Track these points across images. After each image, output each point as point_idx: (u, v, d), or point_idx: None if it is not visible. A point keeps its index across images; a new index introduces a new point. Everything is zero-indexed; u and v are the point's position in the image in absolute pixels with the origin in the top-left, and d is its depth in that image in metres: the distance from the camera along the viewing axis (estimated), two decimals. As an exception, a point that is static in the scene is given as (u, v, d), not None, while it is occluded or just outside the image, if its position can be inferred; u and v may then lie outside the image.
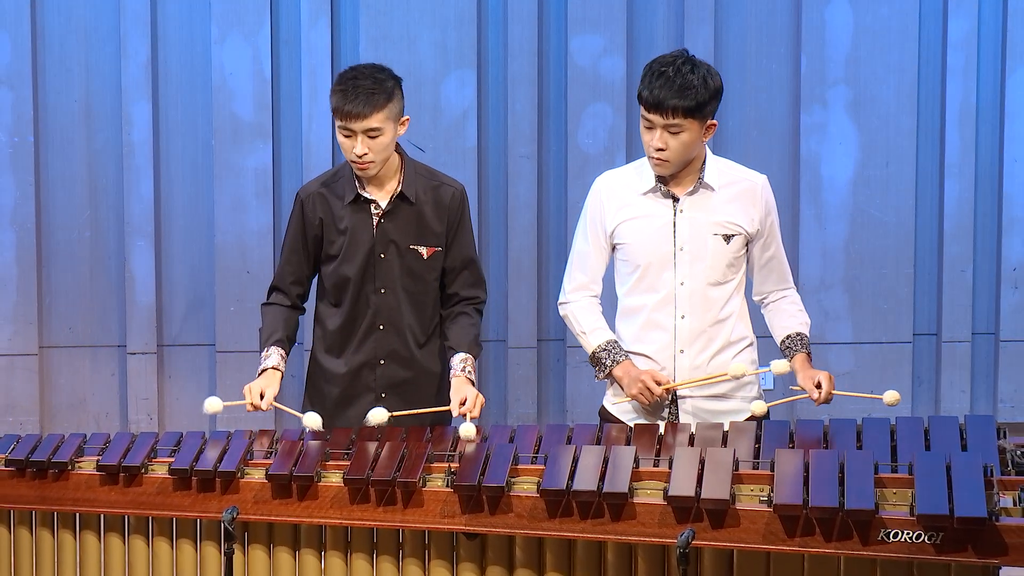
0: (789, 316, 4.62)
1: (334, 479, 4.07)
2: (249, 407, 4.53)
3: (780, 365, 4.49)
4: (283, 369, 4.64)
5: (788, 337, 4.58)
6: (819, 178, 7.35)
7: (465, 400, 4.48)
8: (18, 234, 7.26)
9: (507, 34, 7.25)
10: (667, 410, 4.54)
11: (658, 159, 4.41)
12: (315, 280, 4.85)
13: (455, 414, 4.49)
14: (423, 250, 4.69)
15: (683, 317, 4.51)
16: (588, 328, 4.60)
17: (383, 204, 4.65)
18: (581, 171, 7.22)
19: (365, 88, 4.50)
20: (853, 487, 3.62)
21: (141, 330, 7.32)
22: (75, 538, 4.33)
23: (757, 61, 7.33)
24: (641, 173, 4.54)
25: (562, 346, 7.34)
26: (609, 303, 4.65)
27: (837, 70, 7.30)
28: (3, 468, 4.37)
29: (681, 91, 4.31)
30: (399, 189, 4.65)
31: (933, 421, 4.00)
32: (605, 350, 4.55)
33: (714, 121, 4.41)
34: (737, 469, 3.82)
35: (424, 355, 4.76)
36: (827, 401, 4.43)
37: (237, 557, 4.13)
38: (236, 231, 7.28)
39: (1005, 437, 3.93)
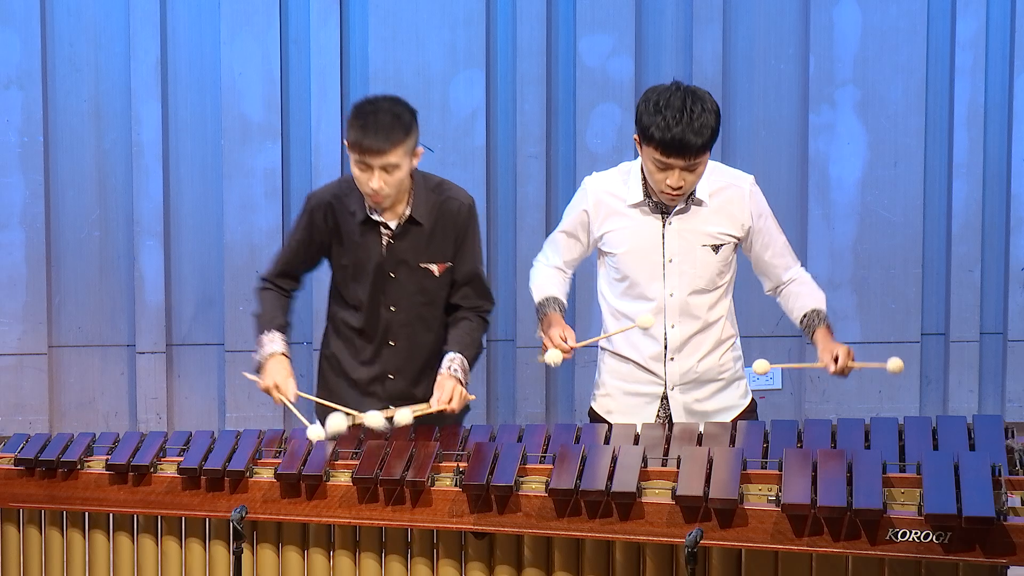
0: (803, 296, 4.59)
1: (343, 479, 4.07)
2: (278, 400, 4.52)
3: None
4: (289, 355, 4.62)
5: (805, 316, 4.55)
6: (827, 178, 7.35)
7: (441, 396, 4.44)
8: (27, 234, 7.27)
9: (516, 34, 7.26)
10: (658, 408, 4.54)
11: (675, 195, 4.39)
12: (314, 277, 4.81)
13: (434, 409, 4.44)
14: (434, 267, 4.63)
15: (673, 326, 4.52)
16: (535, 286, 4.66)
17: (392, 226, 4.60)
18: (590, 171, 7.09)
19: (385, 123, 4.42)
20: (861, 487, 3.63)
21: (150, 329, 7.33)
22: (84, 537, 4.34)
23: (765, 61, 7.33)
24: (628, 183, 4.52)
25: (570, 346, 7.34)
26: (591, 294, 4.67)
27: (845, 70, 7.30)
28: (12, 467, 4.38)
29: (700, 131, 4.27)
30: (408, 213, 4.59)
31: (941, 421, 4.01)
32: (541, 305, 4.60)
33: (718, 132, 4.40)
34: (745, 469, 3.82)
35: (434, 372, 4.68)
36: (843, 373, 4.39)
37: (246, 556, 4.14)
38: (245, 231, 7.29)
39: (1013, 437, 3.93)
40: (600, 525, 3.82)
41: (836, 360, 4.37)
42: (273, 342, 4.62)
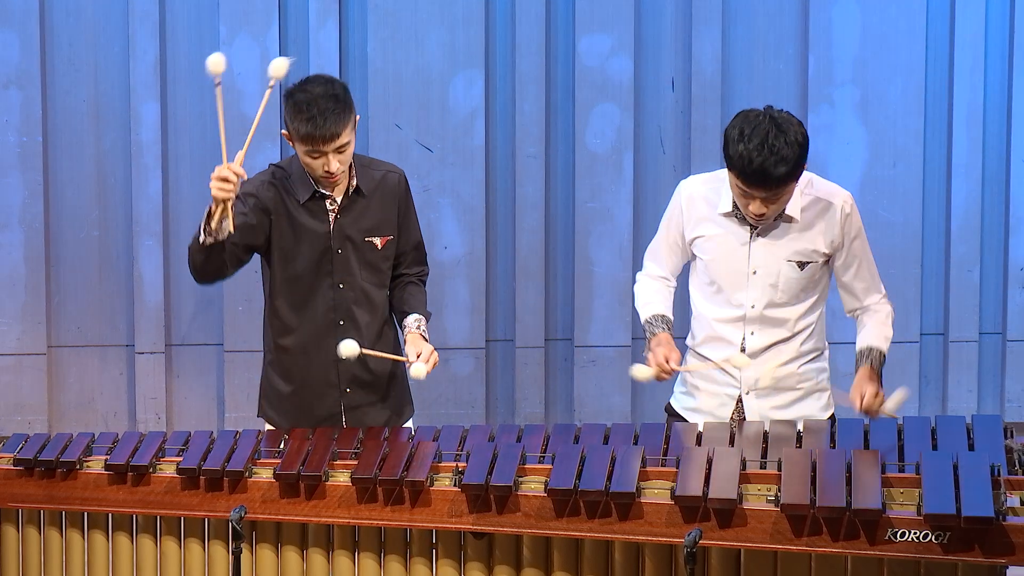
0: (868, 331, 4.61)
1: (342, 478, 4.08)
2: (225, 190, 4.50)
3: (641, 371, 4.46)
4: None
5: (859, 352, 4.57)
6: (827, 178, 7.31)
7: (421, 352, 4.50)
8: (26, 234, 7.27)
9: (515, 34, 7.26)
10: (733, 411, 4.52)
11: (758, 220, 4.37)
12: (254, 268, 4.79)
13: (411, 361, 4.49)
14: (377, 241, 4.68)
15: (752, 334, 4.49)
16: (641, 303, 4.65)
17: (339, 200, 4.65)
18: (589, 171, 7.22)
19: (330, 108, 4.50)
20: (860, 487, 3.63)
21: (149, 330, 7.32)
22: (83, 537, 4.34)
23: (764, 61, 7.33)
24: (721, 191, 4.48)
25: (570, 345, 7.35)
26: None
27: (844, 70, 7.30)
28: (11, 467, 4.38)
29: (780, 164, 4.20)
30: (354, 183, 4.65)
31: (940, 421, 4.01)
32: (648, 322, 4.58)
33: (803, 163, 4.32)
34: (744, 469, 3.82)
35: (381, 348, 4.71)
36: (868, 414, 4.39)
37: (245, 556, 4.14)
38: (244, 231, 7.28)
39: (1012, 437, 3.93)
40: (599, 525, 3.82)
41: (862, 399, 4.39)
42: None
